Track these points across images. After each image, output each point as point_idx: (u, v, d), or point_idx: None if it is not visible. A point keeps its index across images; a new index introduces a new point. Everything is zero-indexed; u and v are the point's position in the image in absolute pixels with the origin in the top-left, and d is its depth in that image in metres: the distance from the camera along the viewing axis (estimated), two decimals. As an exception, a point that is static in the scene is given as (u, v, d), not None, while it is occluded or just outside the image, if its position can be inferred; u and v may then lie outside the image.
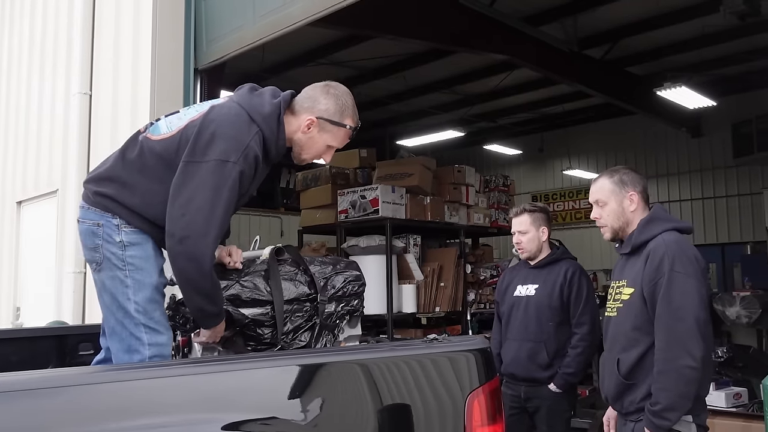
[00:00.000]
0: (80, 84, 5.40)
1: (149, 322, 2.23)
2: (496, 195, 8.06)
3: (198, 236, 2.13)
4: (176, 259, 2.16)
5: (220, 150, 2.17)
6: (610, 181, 2.79)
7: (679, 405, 2.43)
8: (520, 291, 3.77)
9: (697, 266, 2.52)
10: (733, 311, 8.75)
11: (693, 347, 2.42)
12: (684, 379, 2.41)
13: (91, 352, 3.20)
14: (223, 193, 2.16)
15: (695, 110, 11.06)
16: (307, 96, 2.38)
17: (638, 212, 2.73)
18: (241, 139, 2.20)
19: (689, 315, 2.43)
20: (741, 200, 12.84)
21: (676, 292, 2.46)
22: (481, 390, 2.08)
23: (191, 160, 2.18)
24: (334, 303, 2.54)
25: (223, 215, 2.18)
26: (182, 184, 2.17)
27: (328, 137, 2.39)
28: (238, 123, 2.24)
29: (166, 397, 1.68)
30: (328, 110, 2.35)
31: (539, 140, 14.92)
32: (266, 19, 4.31)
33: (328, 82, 2.42)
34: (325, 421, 1.82)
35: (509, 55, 8.28)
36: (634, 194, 2.74)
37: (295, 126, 2.36)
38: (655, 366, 2.48)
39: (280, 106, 2.30)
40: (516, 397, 3.69)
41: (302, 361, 1.94)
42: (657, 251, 2.54)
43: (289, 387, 1.83)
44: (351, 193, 6.88)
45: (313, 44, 9.12)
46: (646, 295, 2.55)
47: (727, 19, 7.55)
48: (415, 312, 6.76)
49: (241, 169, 2.18)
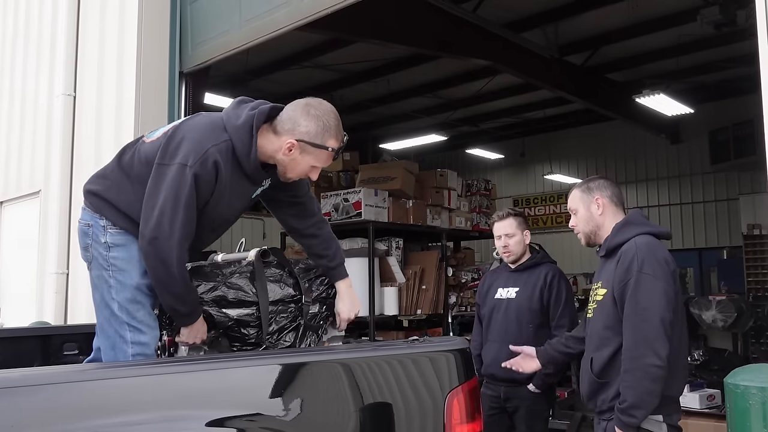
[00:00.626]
0: (64, 85, 5.39)
1: (132, 321, 2.27)
2: (478, 199, 8.14)
3: (164, 238, 2.18)
4: (148, 259, 2.22)
5: (183, 153, 2.20)
6: (578, 190, 2.92)
7: (645, 402, 2.48)
8: (501, 294, 3.84)
9: (666, 269, 2.56)
10: (709, 315, 8.90)
11: (658, 346, 2.46)
12: (649, 377, 2.46)
13: (75, 353, 3.22)
14: (182, 197, 2.18)
15: (674, 117, 11.26)
16: (288, 117, 2.30)
17: (607, 216, 2.83)
18: (202, 144, 2.20)
19: (655, 315, 2.48)
20: (718, 206, 13.07)
21: (643, 293, 2.51)
22: (461, 389, 2.14)
23: (161, 162, 2.23)
24: (318, 304, 2.59)
25: (185, 218, 2.19)
26: (152, 186, 2.23)
27: (311, 159, 2.33)
28: (206, 129, 2.26)
29: (148, 394, 1.72)
30: (308, 133, 2.28)
31: (521, 145, 15.08)
32: (252, 23, 4.35)
33: (309, 101, 2.33)
34: (307, 419, 1.87)
35: (491, 61, 8.39)
36: (600, 198, 2.84)
37: (276, 146, 2.31)
38: (622, 365, 2.55)
39: (254, 118, 2.27)
40: (495, 397, 3.75)
41: (283, 361, 1.99)
42: (628, 253, 2.61)
43: (271, 386, 1.88)
44: (334, 196, 6.92)
45: (297, 47, 9.17)
46: (616, 296, 2.62)
47: (704, 29, 7.73)
48: (397, 314, 6.81)
49: (195, 173, 2.17)
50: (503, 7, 8.12)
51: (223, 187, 2.28)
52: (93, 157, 5.08)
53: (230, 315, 2.43)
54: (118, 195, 2.33)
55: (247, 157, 2.28)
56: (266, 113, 2.31)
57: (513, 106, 12.60)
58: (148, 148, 2.33)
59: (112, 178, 2.37)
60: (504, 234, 3.80)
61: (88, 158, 5.18)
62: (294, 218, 2.66)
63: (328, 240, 2.66)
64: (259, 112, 2.29)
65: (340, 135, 2.34)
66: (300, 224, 2.66)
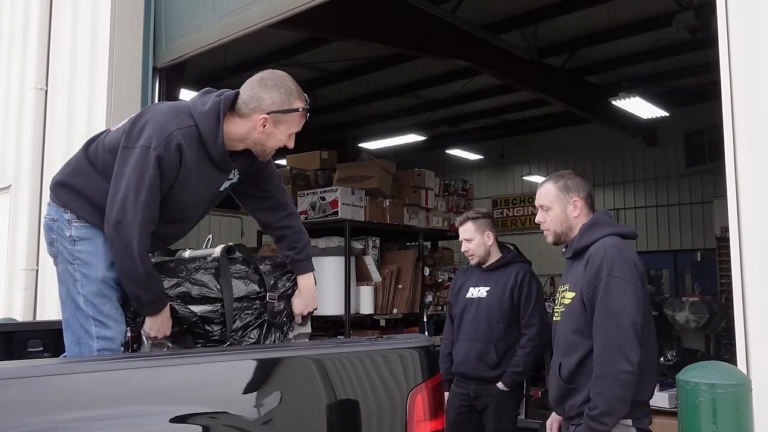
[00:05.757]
0: (36, 79, 5.33)
1: (98, 315, 2.26)
2: (455, 199, 8.18)
3: (128, 221, 2.18)
4: (113, 244, 2.22)
5: (146, 136, 2.20)
6: (555, 186, 2.79)
7: (616, 410, 2.42)
8: (472, 293, 3.86)
9: (635, 271, 2.50)
10: (683, 316, 9.01)
11: (630, 352, 2.40)
12: (620, 383, 2.40)
13: (40, 349, 3.18)
14: (145, 179, 2.18)
15: (650, 120, 11.37)
16: (249, 96, 2.32)
17: (581, 218, 2.74)
18: (166, 127, 2.21)
19: (626, 320, 2.43)
20: (693, 208, 13.23)
21: (614, 297, 2.45)
22: (424, 386, 2.14)
23: (125, 146, 2.23)
24: (283, 301, 2.58)
25: (148, 200, 2.19)
26: (117, 170, 2.23)
27: (285, 126, 2.36)
28: (171, 113, 2.27)
29: (110, 390, 1.70)
30: (275, 102, 2.30)
31: (500, 146, 15.16)
32: (225, 20, 4.33)
33: (262, 75, 2.35)
34: (268, 415, 1.86)
35: (470, 62, 8.42)
36: (578, 200, 2.74)
37: (246, 128, 2.33)
38: (594, 370, 2.49)
39: (221, 104, 2.29)
40: (465, 395, 3.77)
41: (245, 357, 1.99)
42: (596, 256, 2.55)
43: (233, 382, 1.87)
44: (311, 194, 6.91)
45: (276, 45, 9.14)
46: (585, 300, 2.55)
47: (680, 33, 7.81)
48: (373, 313, 6.81)
49: (159, 155, 2.18)
50: (482, 9, 8.15)
51: (188, 172, 2.28)
52: (64, 153, 5.01)
53: (194, 311, 2.41)
54: (86, 185, 2.33)
55: (214, 142, 2.29)
56: (232, 99, 2.33)
57: (492, 108, 12.66)
58: (113, 136, 2.33)
59: (79, 169, 2.36)
60: (464, 238, 3.86)
61: (60, 153, 5.11)
62: (265, 211, 2.66)
63: (298, 233, 2.67)
64: (225, 98, 2.31)
65: (302, 94, 2.38)
66: (271, 217, 2.66)
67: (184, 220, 2.47)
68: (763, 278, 2.28)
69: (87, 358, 2.20)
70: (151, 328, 2.33)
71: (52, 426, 1.59)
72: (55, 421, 1.58)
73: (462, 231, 3.87)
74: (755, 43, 2.45)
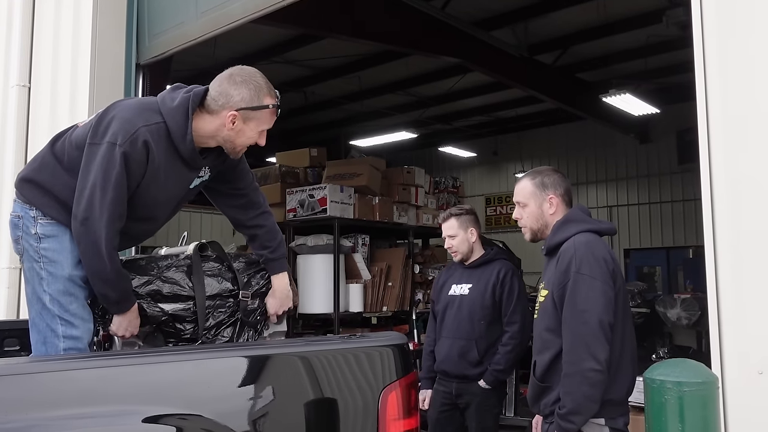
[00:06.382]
0: (19, 76, 5.27)
1: (64, 314, 2.22)
2: (446, 196, 8.16)
3: (95, 218, 2.15)
4: (80, 242, 2.19)
5: (112, 132, 2.17)
6: (531, 183, 2.76)
7: (584, 408, 2.39)
8: (454, 290, 3.83)
9: (604, 268, 2.46)
10: (674, 313, 9.01)
11: (597, 350, 2.37)
12: (588, 381, 2.37)
13: (17, 348, 3.14)
14: (111, 176, 2.15)
15: (643, 117, 11.35)
16: (218, 93, 2.28)
17: (557, 215, 2.71)
18: (132, 123, 2.18)
19: (593, 318, 2.39)
20: (685, 205, 13.21)
21: (581, 295, 2.42)
22: (398, 384, 2.11)
23: (92, 142, 2.20)
24: (258, 299, 2.55)
25: (114, 198, 2.17)
26: (84, 167, 2.20)
27: (255, 123, 2.32)
28: (137, 109, 2.24)
29: (81, 389, 1.69)
30: (244, 99, 2.27)
31: (494, 143, 15.14)
32: (207, 15, 4.29)
33: (231, 71, 2.32)
34: (237, 413, 1.84)
35: (461, 59, 8.39)
36: (554, 197, 2.71)
37: (216, 124, 2.29)
38: (563, 369, 2.46)
39: (190, 100, 2.26)
40: (447, 393, 3.75)
41: (213, 356, 1.97)
42: (566, 253, 2.52)
43: (204, 381, 1.86)
44: (300, 192, 6.89)
45: (266, 42, 9.09)
46: (555, 298, 2.53)
47: (670, 30, 7.78)
48: (362, 311, 6.79)
49: (125, 152, 2.15)
50: (472, 5, 8.11)
51: (156, 169, 2.25)
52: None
53: (165, 309, 2.38)
54: (52, 181, 2.29)
55: (183, 139, 2.25)
56: (201, 95, 2.29)
57: (485, 105, 12.62)
58: (80, 132, 2.29)
59: (45, 165, 2.33)
60: (447, 235, 3.82)
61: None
62: (237, 209, 2.63)
63: (271, 231, 2.64)
64: (194, 94, 2.28)
65: (272, 91, 2.34)
66: (243, 215, 2.62)
67: (154, 218, 2.44)
68: (737, 275, 2.26)
69: (57, 357, 2.17)
70: (119, 326, 2.30)
71: (24, 425, 1.57)
72: (27, 420, 1.57)
73: (445, 227, 3.84)
74: (729, 43, 2.42)
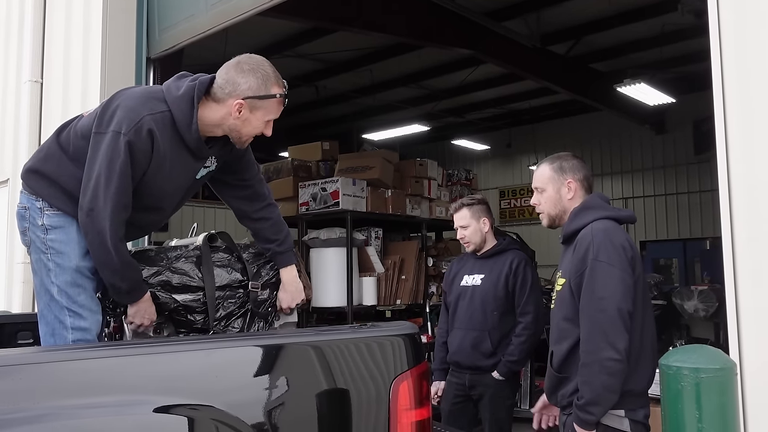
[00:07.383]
0: (31, 71, 5.30)
1: (72, 305, 2.21)
2: (459, 189, 8.11)
3: (100, 208, 2.14)
4: (87, 232, 2.18)
5: (117, 121, 2.15)
6: (550, 168, 2.73)
7: (602, 399, 2.34)
8: (466, 281, 3.80)
9: (623, 255, 2.41)
10: (691, 305, 8.92)
11: (615, 338, 2.31)
12: (606, 371, 2.32)
13: (30, 341, 3.16)
14: (116, 166, 2.13)
15: (658, 107, 11.21)
16: (225, 81, 2.25)
17: (575, 200, 2.67)
18: (137, 111, 2.16)
19: (611, 306, 2.33)
20: (702, 196, 13.05)
21: (599, 283, 2.37)
22: (409, 374, 2.09)
23: (97, 131, 2.19)
24: (267, 290, 2.54)
25: (119, 187, 2.15)
26: (90, 157, 2.19)
27: (262, 113, 2.29)
28: (142, 98, 2.22)
29: (97, 378, 1.67)
30: (251, 88, 2.24)
31: (507, 136, 15.03)
32: (217, 7, 4.29)
33: (239, 59, 2.29)
34: (248, 404, 1.83)
35: (473, 50, 8.32)
36: (572, 182, 2.67)
37: (222, 113, 2.27)
38: (580, 359, 2.41)
39: (195, 88, 2.22)
40: (461, 385, 3.72)
41: (223, 345, 1.95)
42: (583, 240, 2.47)
43: (216, 371, 1.83)
44: (312, 185, 6.88)
45: (278, 36, 9.06)
46: (573, 286, 2.48)
47: (686, 18, 7.67)
48: (376, 305, 6.78)
49: (129, 140, 2.13)
50: (483, -5, 8.05)
51: (161, 158, 2.23)
52: (60, 145, 4.99)
53: (176, 299, 2.38)
54: (58, 171, 2.28)
55: (188, 128, 2.23)
56: (207, 84, 2.26)
57: (498, 97, 12.53)
58: (85, 122, 2.28)
59: (50, 155, 2.32)
60: (459, 225, 3.78)
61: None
62: (243, 201, 2.61)
63: (277, 224, 2.61)
64: (199, 82, 2.25)
65: (280, 80, 2.31)
66: (249, 207, 2.60)
67: (161, 208, 2.43)
68: (756, 265, 2.21)
69: (67, 347, 2.17)
70: (134, 315, 2.30)
71: (35, 414, 1.55)
72: (40, 408, 1.54)
73: (457, 218, 3.80)
74: (746, 31, 2.36)
